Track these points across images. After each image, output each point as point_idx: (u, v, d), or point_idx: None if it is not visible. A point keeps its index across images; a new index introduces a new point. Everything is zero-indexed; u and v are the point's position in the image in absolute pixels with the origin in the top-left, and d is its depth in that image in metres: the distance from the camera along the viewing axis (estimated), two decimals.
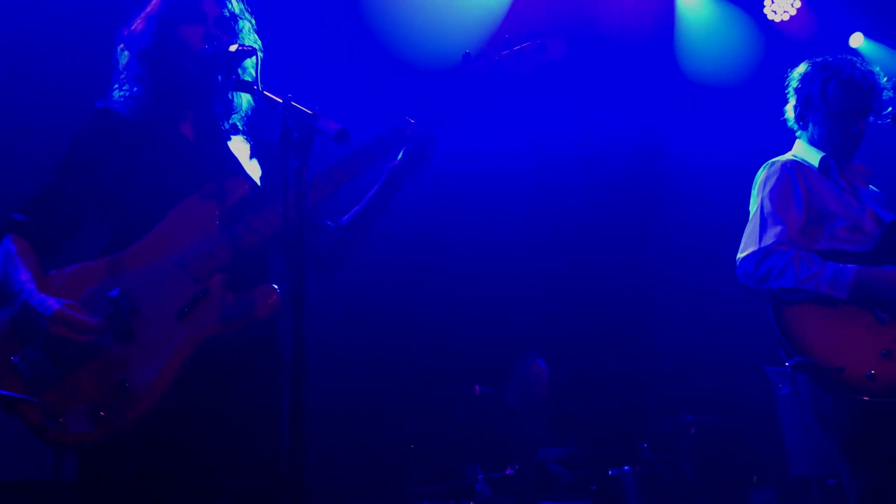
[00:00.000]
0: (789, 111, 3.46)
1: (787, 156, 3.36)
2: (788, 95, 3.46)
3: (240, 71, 2.37)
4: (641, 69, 7.01)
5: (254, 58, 2.27)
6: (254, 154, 2.56)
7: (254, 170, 2.51)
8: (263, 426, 2.32)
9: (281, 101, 1.96)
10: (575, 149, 7.11)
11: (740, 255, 3.16)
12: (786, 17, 7.04)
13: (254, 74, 2.24)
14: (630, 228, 7.52)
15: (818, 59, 3.41)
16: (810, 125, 3.37)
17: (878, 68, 3.38)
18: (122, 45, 2.51)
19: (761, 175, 3.30)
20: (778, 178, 3.22)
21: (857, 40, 6.97)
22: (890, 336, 2.91)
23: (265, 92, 2.12)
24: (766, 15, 7.07)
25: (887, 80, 3.36)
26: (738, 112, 7.01)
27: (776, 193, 3.18)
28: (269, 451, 2.30)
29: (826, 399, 2.97)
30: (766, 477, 6.32)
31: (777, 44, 7.09)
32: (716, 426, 6.20)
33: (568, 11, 6.53)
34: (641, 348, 7.44)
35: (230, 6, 2.49)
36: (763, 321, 3.10)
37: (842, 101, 3.28)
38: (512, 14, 6.49)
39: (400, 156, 2.44)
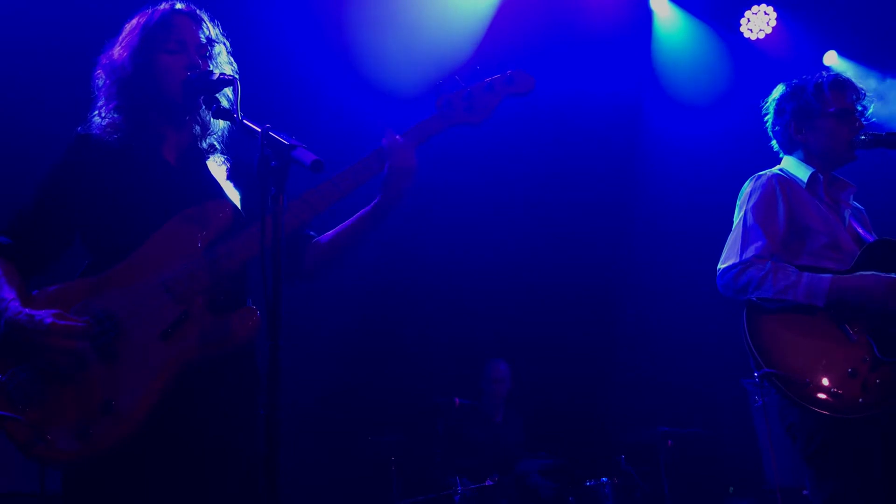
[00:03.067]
0: (779, 133, 3.48)
1: (774, 170, 3.40)
2: (775, 118, 3.48)
3: (219, 97, 2.42)
4: (618, 83, 7.10)
5: (233, 85, 2.32)
6: (232, 175, 2.61)
7: (232, 191, 2.56)
8: (241, 440, 2.37)
9: (259, 129, 2.02)
10: (554, 159, 7.18)
11: (721, 266, 3.22)
12: (761, 36, 7.18)
13: (233, 101, 2.30)
14: (608, 239, 7.60)
15: (794, 80, 3.48)
16: (808, 138, 3.38)
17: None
18: (100, 72, 2.55)
19: (746, 188, 3.34)
20: (762, 192, 3.26)
21: (831, 58, 7.11)
22: (858, 355, 2.97)
23: (244, 121, 2.18)
24: (742, 33, 7.21)
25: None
26: (715, 126, 7.12)
27: (759, 207, 3.23)
28: (247, 465, 2.35)
29: (793, 411, 3.04)
30: (743, 488, 6.39)
31: (753, 61, 7.21)
32: (692, 438, 6.26)
33: (547, 27, 6.61)
34: (618, 360, 7.51)
35: (206, 31, 2.55)
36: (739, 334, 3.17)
37: (839, 97, 3.34)
38: (491, 32, 6.56)
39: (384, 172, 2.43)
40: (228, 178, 2.59)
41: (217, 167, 2.60)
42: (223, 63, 2.57)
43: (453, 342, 7.07)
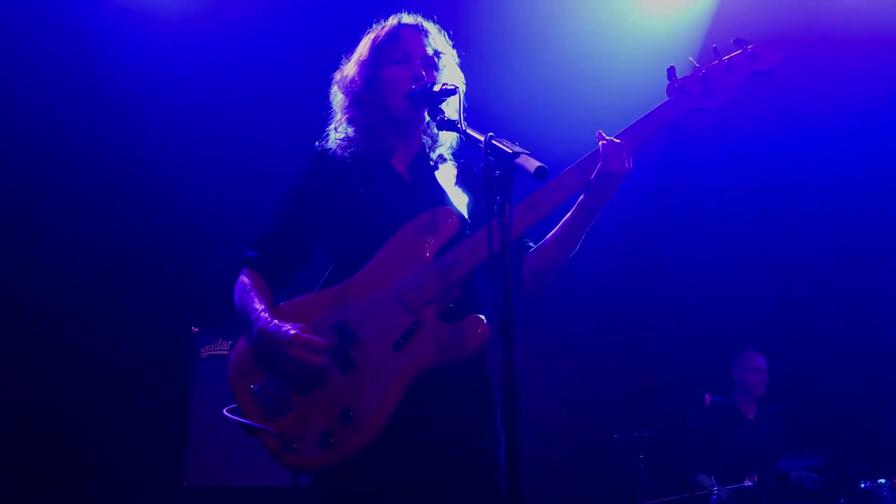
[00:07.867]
0: None
1: None
2: None
3: (443, 107, 2.42)
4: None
5: (456, 95, 2.31)
6: (460, 180, 2.60)
7: (460, 197, 2.56)
8: (477, 445, 2.36)
9: (483, 138, 1.99)
10: (814, 142, 6.54)
11: None
12: None
13: (457, 111, 2.28)
14: (873, 222, 6.86)
15: None
16: None
17: None
18: (335, 89, 2.64)
19: None
20: None
21: None
22: None
23: (468, 130, 2.17)
24: None
25: None
26: None
27: None
28: (485, 471, 2.33)
29: None
30: None
31: None
32: None
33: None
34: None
35: (433, 44, 2.57)
36: None
37: None
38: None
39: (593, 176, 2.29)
40: (457, 183, 2.59)
41: (445, 175, 2.61)
42: (450, 73, 2.58)
43: (700, 336, 6.73)
